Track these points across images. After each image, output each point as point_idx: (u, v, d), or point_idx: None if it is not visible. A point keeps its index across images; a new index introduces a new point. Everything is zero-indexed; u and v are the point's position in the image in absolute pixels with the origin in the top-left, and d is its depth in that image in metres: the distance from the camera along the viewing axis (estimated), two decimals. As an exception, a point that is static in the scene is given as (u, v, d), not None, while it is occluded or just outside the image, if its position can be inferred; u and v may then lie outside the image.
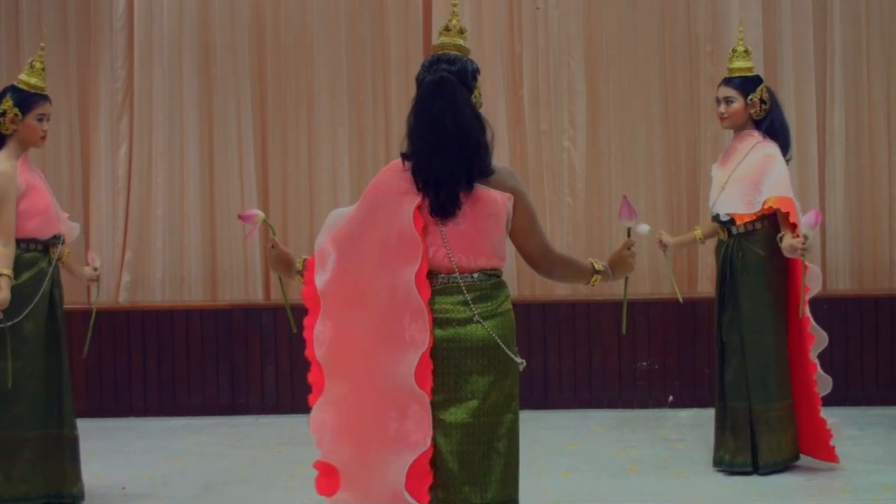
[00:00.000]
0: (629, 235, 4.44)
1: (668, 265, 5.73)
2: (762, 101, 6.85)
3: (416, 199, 4.21)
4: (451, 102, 4.27)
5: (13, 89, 6.36)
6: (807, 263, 6.60)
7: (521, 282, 9.39)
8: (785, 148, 6.89)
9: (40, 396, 6.25)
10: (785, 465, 6.84)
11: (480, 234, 4.26)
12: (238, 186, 9.51)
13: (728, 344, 6.89)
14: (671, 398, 8.89)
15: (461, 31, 4.54)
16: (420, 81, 4.37)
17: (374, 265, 4.22)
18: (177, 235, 9.53)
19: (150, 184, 9.51)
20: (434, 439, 4.15)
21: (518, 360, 4.33)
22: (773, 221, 6.77)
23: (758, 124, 6.89)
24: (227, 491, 6.89)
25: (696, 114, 9.43)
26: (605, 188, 9.46)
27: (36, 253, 6.27)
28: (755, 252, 6.78)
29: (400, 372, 4.13)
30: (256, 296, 9.44)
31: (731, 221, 6.86)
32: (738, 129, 6.94)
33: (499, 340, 4.28)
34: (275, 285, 9.31)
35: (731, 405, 6.86)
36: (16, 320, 6.13)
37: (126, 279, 9.43)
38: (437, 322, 4.22)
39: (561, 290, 9.26)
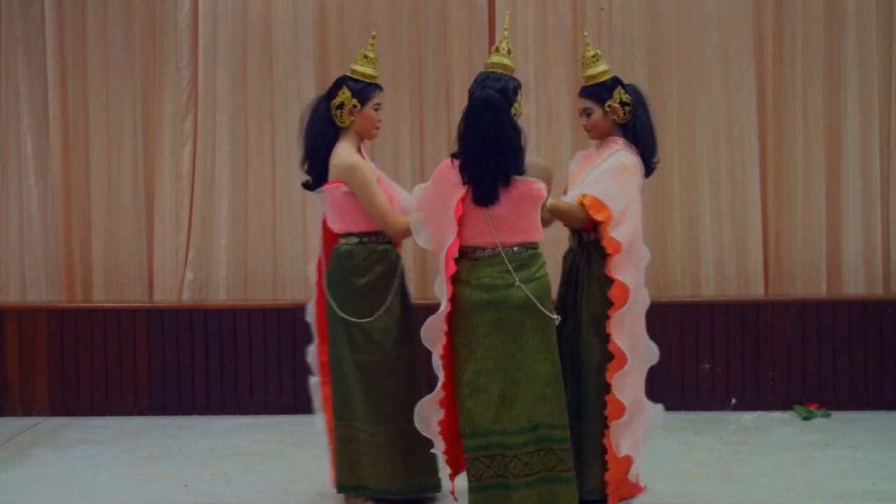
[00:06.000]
0: None
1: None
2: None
3: (462, 192, 5.58)
4: (495, 117, 5.52)
5: (348, 80, 6.32)
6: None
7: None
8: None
9: (399, 391, 6.22)
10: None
11: (519, 215, 5.58)
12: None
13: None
14: (734, 401, 8.84)
15: (508, 52, 5.77)
16: (471, 95, 5.61)
17: (440, 232, 5.66)
18: (240, 234, 9.56)
19: (214, 183, 9.54)
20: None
21: (553, 316, 5.62)
22: None
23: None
24: (290, 489, 6.94)
25: (761, 116, 9.35)
26: (668, 191, 9.37)
27: (387, 245, 6.29)
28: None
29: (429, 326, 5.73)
30: (319, 295, 9.43)
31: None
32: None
33: (535, 300, 5.56)
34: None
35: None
36: (374, 317, 6.21)
37: (189, 278, 9.47)
38: (482, 287, 5.60)
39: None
